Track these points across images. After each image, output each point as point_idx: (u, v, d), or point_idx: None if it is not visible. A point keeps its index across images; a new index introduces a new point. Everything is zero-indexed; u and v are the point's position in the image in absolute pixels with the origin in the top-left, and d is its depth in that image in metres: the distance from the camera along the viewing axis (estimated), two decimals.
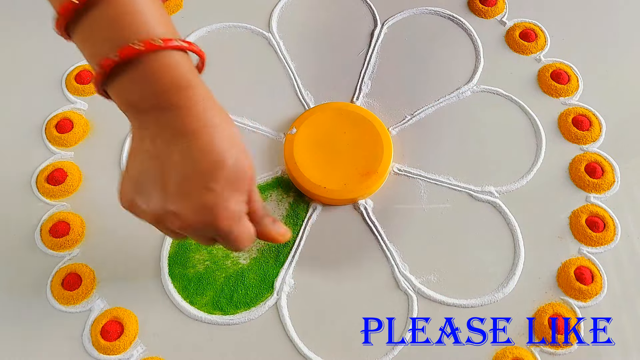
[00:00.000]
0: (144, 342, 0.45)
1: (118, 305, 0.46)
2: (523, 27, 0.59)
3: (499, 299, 0.46)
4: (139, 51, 0.32)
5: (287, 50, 0.58)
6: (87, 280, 0.47)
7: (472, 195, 0.50)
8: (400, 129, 0.54)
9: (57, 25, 0.34)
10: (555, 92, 0.55)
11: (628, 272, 0.47)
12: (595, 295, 0.46)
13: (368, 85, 0.56)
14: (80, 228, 0.49)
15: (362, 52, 0.58)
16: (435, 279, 0.47)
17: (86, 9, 0.33)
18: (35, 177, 0.51)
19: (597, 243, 0.48)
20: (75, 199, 0.51)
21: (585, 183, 0.50)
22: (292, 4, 0.61)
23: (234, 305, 0.46)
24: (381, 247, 0.48)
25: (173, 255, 0.48)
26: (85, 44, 0.34)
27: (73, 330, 0.45)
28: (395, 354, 0.44)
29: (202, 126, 0.34)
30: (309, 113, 0.54)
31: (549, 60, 0.57)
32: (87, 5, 0.32)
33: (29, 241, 0.49)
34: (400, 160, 0.52)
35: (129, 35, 0.32)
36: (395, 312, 0.46)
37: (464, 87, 0.56)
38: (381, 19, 0.60)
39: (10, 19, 0.61)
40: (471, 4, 0.61)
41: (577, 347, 0.44)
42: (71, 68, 0.57)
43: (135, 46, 0.32)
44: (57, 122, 0.54)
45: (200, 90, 0.34)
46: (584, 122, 0.53)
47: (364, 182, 0.50)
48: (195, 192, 0.34)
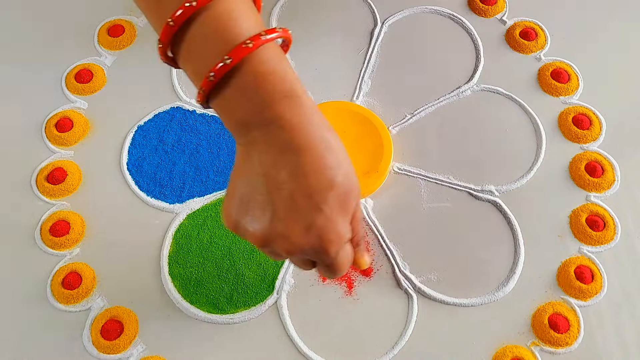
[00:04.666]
0: (143, 341, 0.45)
1: (118, 305, 0.46)
2: (523, 26, 0.59)
3: (499, 298, 0.46)
4: (250, 50, 0.31)
5: None
6: (87, 279, 0.47)
7: (472, 194, 0.50)
8: (401, 128, 0.54)
9: (160, 52, 0.34)
10: (556, 91, 0.55)
11: (628, 271, 0.47)
12: (595, 295, 0.46)
13: (368, 84, 0.56)
14: (81, 227, 0.49)
15: (362, 51, 0.58)
16: (435, 278, 0.47)
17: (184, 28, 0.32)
18: (35, 176, 0.51)
19: (597, 242, 0.48)
20: (75, 198, 0.51)
21: (585, 182, 0.50)
22: (292, 3, 0.61)
23: (234, 304, 0.46)
24: (381, 246, 0.48)
25: (173, 254, 0.48)
26: (191, 61, 0.33)
27: (73, 330, 0.45)
28: (395, 354, 0.44)
29: (312, 141, 0.32)
30: None
31: (549, 59, 0.57)
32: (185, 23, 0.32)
33: (29, 240, 0.49)
34: (401, 159, 0.52)
35: (235, 37, 0.31)
36: (395, 311, 0.46)
37: (464, 86, 0.56)
38: (381, 17, 0.60)
39: (10, 18, 0.61)
40: (471, 3, 0.61)
41: (577, 347, 0.44)
42: (71, 67, 0.57)
43: (247, 45, 0.31)
44: (57, 121, 0.54)
45: (307, 100, 0.33)
46: (584, 121, 0.53)
47: (364, 182, 0.50)
48: (304, 213, 0.33)
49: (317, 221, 0.33)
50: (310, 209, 0.32)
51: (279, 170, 0.32)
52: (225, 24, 0.32)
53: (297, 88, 0.33)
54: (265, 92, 0.32)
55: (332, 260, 0.35)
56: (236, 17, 0.32)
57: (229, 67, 0.31)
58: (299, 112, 0.32)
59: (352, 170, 0.34)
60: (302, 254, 0.34)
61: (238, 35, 0.31)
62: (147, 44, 0.59)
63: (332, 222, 0.33)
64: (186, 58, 0.33)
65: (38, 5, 0.61)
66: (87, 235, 0.49)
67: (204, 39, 0.32)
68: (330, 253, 0.34)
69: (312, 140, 0.32)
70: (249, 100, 0.32)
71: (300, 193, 0.32)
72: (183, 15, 0.31)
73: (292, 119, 0.32)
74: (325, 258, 0.34)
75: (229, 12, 0.32)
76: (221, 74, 0.31)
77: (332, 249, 0.34)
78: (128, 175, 0.52)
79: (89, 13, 0.60)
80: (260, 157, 0.33)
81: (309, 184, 0.32)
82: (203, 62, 0.32)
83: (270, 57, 0.32)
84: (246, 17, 0.32)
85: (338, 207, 0.33)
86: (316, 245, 0.33)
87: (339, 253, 0.34)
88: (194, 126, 0.54)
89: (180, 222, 0.50)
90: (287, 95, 0.32)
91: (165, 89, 0.56)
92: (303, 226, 0.33)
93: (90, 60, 0.58)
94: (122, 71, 0.58)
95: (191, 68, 0.33)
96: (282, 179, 0.32)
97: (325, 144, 0.33)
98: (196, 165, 0.52)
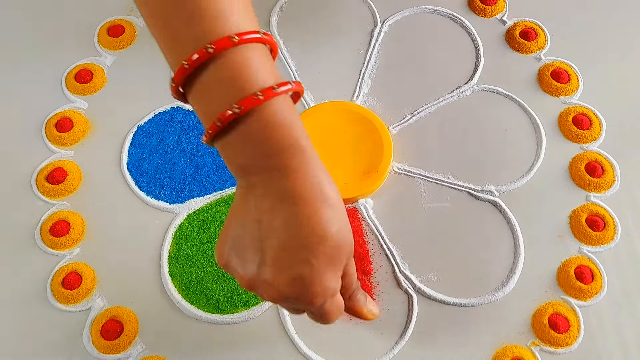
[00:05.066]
0: (143, 341, 0.45)
1: (118, 304, 0.46)
2: (523, 26, 0.59)
3: (499, 298, 0.46)
4: (261, 101, 0.31)
5: (287, 49, 0.58)
6: (87, 279, 0.47)
7: (472, 194, 0.50)
8: (401, 128, 0.54)
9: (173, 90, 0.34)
10: (556, 91, 0.55)
11: (628, 271, 0.47)
12: (595, 295, 0.46)
13: (368, 84, 0.56)
14: (81, 227, 0.49)
15: (362, 51, 0.58)
16: (435, 278, 0.47)
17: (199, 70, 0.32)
18: (35, 176, 0.51)
19: (597, 242, 0.48)
20: (75, 198, 0.51)
21: (585, 182, 0.50)
22: (292, 3, 0.61)
23: (234, 304, 0.46)
24: (381, 246, 0.48)
25: (173, 254, 0.48)
26: (201, 102, 0.33)
27: (73, 329, 0.45)
28: (395, 354, 0.44)
29: (311, 193, 0.33)
30: (309, 112, 0.54)
31: (549, 59, 0.57)
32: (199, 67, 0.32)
33: (29, 240, 0.49)
34: (401, 159, 0.52)
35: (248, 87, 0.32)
36: (395, 311, 0.46)
37: (464, 86, 0.56)
38: (381, 17, 0.60)
39: (10, 18, 0.61)
40: (471, 3, 0.61)
41: (577, 347, 0.44)
42: (71, 67, 0.57)
43: (258, 97, 0.31)
44: (57, 121, 0.54)
45: (311, 152, 0.33)
46: (584, 121, 0.53)
47: (364, 181, 0.50)
48: (292, 263, 0.33)
49: (303, 273, 0.33)
50: (299, 260, 0.33)
51: (274, 218, 0.33)
52: (239, 73, 0.32)
53: (303, 139, 0.33)
54: (271, 142, 0.32)
55: (318, 309, 0.35)
56: (251, 67, 0.32)
57: (237, 116, 0.31)
58: (303, 162, 0.33)
59: (346, 225, 0.34)
60: (286, 302, 0.34)
61: (251, 86, 0.32)
62: (147, 44, 0.59)
63: (319, 275, 0.33)
64: (197, 99, 0.33)
65: (38, 5, 0.61)
66: (87, 235, 0.49)
67: (217, 84, 0.32)
68: (315, 304, 0.34)
69: (311, 192, 0.33)
70: (253, 147, 0.32)
71: (291, 244, 0.33)
72: (199, 60, 0.31)
73: (296, 168, 0.33)
74: (310, 308, 0.35)
75: (245, 61, 0.32)
76: (228, 121, 0.32)
77: (317, 300, 0.34)
78: (128, 175, 0.52)
79: (89, 13, 0.60)
80: (257, 202, 0.33)
81: (301, 235, 0.32)
82: (213, 106, 0.32)
83: (280, 109, 0.32)
84: (261, 68, 0.32)
85: (327, 261, 0.33)
86: (300, 296, 0.34)
87: (325, 304, 0.35)
88: (194, 126, 0.54)
89: (180, 222, 0.50)
90: (293, 145, 0.32)
91: (165, 89, 0.54)
92: (289, 276, 0.33)
93: (90, 60, 0.58)
94: (122, 71, 0.58)
95: (201, 109, 0.34)
96: (276, 226, 0.33)
97: (324, 197, 0.33)
98: (196, 165, 0.52)
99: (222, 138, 0.33)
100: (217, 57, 0.32)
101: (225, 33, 0.31)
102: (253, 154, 0.32)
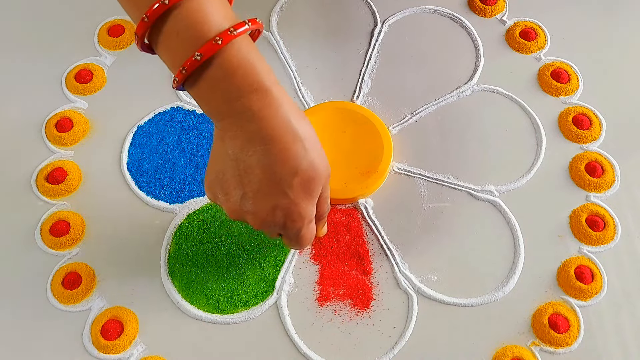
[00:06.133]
0: (144, 341, 0.45)
1: (118, 304, 0.46)
2: (523, 26, 0.59)
3: (498, 298, 0.46)
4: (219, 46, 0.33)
5: (287, 49, 0.58)
6: (87, 279, 0.47)
7: (472, 195, 0.50)
8: (401, 128, 0.54)
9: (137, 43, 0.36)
10: (556, 91, 0.55)
11: (628, 271, 0.47)
12: (595, 295, 0.46)
13: (368, 84, 0.56)
14: (80, 227, 0.49)
15: (362, 50, 0.58)
16: (435, 278, 0.47)
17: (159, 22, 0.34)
18: (35, 176, 0.51)
19: (597, 242, 0.48)
20: (75, 198, 0.51)
21: (585, 182, 0.50)
22: (292, 3, 0.61)
23: (234, 304, 0.46)
24: (381, 246, 0.48)
25: (173, 254, 0.48)
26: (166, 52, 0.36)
27: (73, 329, 0.45)
28: (395, 354, 0.44)
29: (277, 132, 0.35)
30: (309, 112, 0.54)
31: (549, 59, 0.57)
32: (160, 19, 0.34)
33: (29, 240, 0.49)
34: (401, 159, 0.52)
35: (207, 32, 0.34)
36: (395, 311, 0.46)
37: (464, 86, 0.56)
38: (381, 17, 0.60)
39: (10, 18, 0.61)
40: (471, 3, 0.61)
41: (577, 347, 0.44)
42: (71, 67, 0.57)
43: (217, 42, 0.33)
44: (57, 121, 0.54)
45: (276, 92, 0.35)
46: (584, 121, 0.53)
47: (364, 182, 0.50)
48: (270, 196, 0.37)
49: (281, 203, 0.37)
50: (276, 192, 0.36)
51: (249, 157, 0.35)
52: (196, 21, 0.34)
53: (266, 80, 0.35)
54: (233, 86, 0.34)
55: (295, 235, 0.39)
56: (207, 13, 0.34)
57: (199, 63, 0.33)
58: (266, 104, 0.35)
59: (319, 156, 0.37)
60: (269, 228, 0.39)
61: (208, 32, 0.34)
62: None
63: (296, 204, 0.37)
64: (162, 50, 0.36)
65: (38, 5, 0.61)
66: (87, 235, 0.49)
67: (176, 34, 0.34)
68: (293, 229, 0.39)
69: (277, 131, 0.35)
70: (219, 92, 0.35)
71: (267, 179, 0.36)
72: (157, 11, 0.33)
73: (260, 111, 0.35)
74: (289, 233, 0.39)
75: (200, 7, 0.34)
76: (192, 68, 0.34)
77: (296, 226, 0.39)
78: (128, 175, 0.52)
79: (89, 13, 0.60)
80: (231, 142, 0.36)
81: (274, 171, 0.36)
82: (177, 55, 0.34)
83: (240, 52, 0.34)
84: (216, 12, 0.34)
85: (302, 191, 0.37)
86: (279, 222, 0.38)
87: (302, 230, 0.39)
88: (194, 126, 0.54)
89: (180, 222, 0.50)
90: (255, 88, 0.35)
91: (165, 89, 0.56)
92: (269, 206, 0.37)
93: (90, 60, 0.58)
94: (122, 71, 0.58)
95: (167, 59, 0.36)
96: (251, 164, 0.36)
97: (292, 134, 0.36)
98: (196, 165, 0.52)
99: (191, 85, 0.35)
100: (175, 7, 0.34)
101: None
102: (219, 98, 0.35)
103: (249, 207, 0.37)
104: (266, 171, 0.36)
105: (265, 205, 0.37)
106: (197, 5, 0.34)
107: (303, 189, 0.37)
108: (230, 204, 0.38)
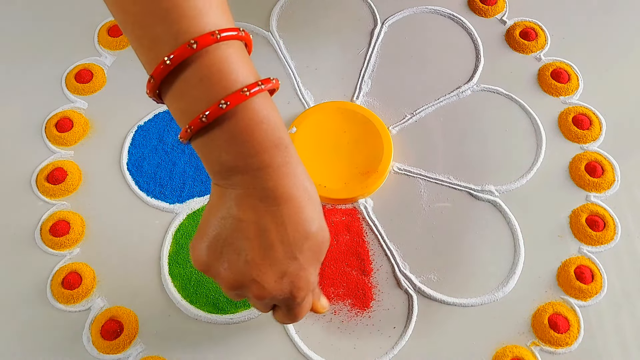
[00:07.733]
0: (143, 341, 0.45)
1: (118, 305, 0.46)
2: (523, 26, 0.59)
3: (499, 298, 0.46)
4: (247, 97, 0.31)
5: (287, 49, 0.58)
6: (87, 279, 0.47)
7: (472, 195, 0.50)
8: (401, 128, 0.54)
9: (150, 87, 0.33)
10: (556, 91, 0.55)
11: (628, 271, 0.47)
12: (595, 295, 0.46)
13: (368, 84, 0.56)
14: (81, 227, 0.49)
15: (362, 50, 0.58)
16: (435, 278, 0.47)
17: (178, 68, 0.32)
18: (35, 176, 0.51)
19: (597, 242, 0.48)
20: (75, 198, 0.51)
21: (585, 182, 0.50)
22: (292, 3, 0.61)
23: (234, 304, 0.46)
24: (381, 246, 0.48)
25: (173, 254, 0.48)
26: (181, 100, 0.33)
27: (73, 329, 0.45)
28: (395, 354, 0.44)
29: (294, 192, 0.33)
30: (309, 112, 0.54)
31: (549, 59, 0.57)
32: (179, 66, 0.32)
33: (29, 240, 0.49)
34: (401, 159, 0.52)
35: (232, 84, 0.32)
36: (395, 311, 0.46)
37: (464, 86, 0.56)
38: (381, 17, 0.60)
39: (10, 18, 0.61)
40: (471, 3, 0.61)
41: (577, 347, 0.44)
42: (71, 67, 0.57)
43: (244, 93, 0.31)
44: (57, 121, 0.54)
45: (293, 150, 0.33)
46: (584, 121, 0.53)
47: (364, 181, 0.50)
48: (280, 260, 0.34)
49: (290, 269, 0.34)
50: (286, 257, 0.34)
51: (260, 218, 0.33)
52: (223, 69, 0.32)
53: (285, 138, 0.33)
54: (256, 140, 0.32)
55: (297, 306, 0.36)
56: (233, 64, 0.32)
57: (224, 112, 0.31)
58: (285, 161, 0.33)
59: (323, 221, 0.35)
60: (271, 300, 0.35)
61: (235, 82, 0.32)
62: None
63: (305, 270, 0.34)
64: (176, 97, 0.33)
65: (38, 5, 0.61)
66: (87, 235, 0.49)
67: (199, 81, 0.32)
68: (297, 299, 0.35)
69: (294, 191, 0.33)
70: (238, 145, 0.32)
71: (279, 241, 0.33)
72: (181, 56, 0.31)
73: (279, 168, 0.33)
74: (291, 304, 0.36)
75: (227, 57, 0.32)
76: (214, 117, 0.31)
77: (301, 295, 0.35)
78: (128, 175, 0.52)
79: (89, 13, 0.60)
80: (237, 201, 0.33)
81: (288, 233, 0.33)
82: (195, 103, 0.32)
83: (264, 106, 0.32)
84: (243, 65, 0.32)
85: (311, 256, 0.34)
86: (287, 292, 0.34)
87: (306, 299, 0.36)
88: None
89: (180, 222, 0.50)
90: (276, 145, 0.32)
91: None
92: (277, 273, 0.34)
93: (90, 60, 0.58)
94: (122, 71, 0.58)
95: (180, 107, 0.33)
96: (262, 226, 0.33)
97: (307, 195, 0.34)
98: (196, 165, 0.52)
99: (203, 135, 0.33)
100: (199, 54, 0.31)
101: (205, 30, 0.31)
102: (237, 152, 0.32)
103: (255, 274, 0.33)
104: (279, 233, 0.33)
105: (274, 272, 0.34)
106: (224, 54, 0.32)
107: (313, 253, 0.34)
108: (232, 274, 0.34)
